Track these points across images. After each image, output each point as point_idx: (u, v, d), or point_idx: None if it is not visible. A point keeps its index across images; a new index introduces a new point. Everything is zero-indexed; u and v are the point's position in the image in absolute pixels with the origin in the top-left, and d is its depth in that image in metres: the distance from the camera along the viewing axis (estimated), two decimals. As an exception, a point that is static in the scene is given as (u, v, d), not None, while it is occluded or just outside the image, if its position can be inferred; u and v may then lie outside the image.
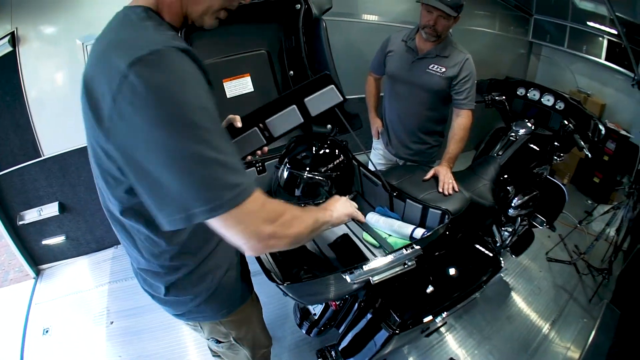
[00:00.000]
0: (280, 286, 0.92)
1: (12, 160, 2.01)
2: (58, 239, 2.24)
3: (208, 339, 1.07)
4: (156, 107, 0.52)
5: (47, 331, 1.94)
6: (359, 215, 1.02)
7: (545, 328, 1.96)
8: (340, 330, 1.41)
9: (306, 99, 0.98)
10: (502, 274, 2.14)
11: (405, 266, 0.98)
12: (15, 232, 2.16)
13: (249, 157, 0.98)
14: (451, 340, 1.86)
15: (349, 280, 0.92)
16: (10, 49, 1.82)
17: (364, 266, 0.94)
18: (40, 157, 2.02)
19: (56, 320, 1.99)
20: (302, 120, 0.98)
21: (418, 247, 1.00)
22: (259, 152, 1.00)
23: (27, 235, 2.19)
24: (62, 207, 2.16)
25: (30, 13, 1.81)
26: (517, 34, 3.38)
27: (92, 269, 2.28)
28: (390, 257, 0.97)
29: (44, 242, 2.22)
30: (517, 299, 2.12)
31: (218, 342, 1.07)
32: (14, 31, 1.80)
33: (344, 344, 1.37)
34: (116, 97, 0.53)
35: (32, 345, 1.86)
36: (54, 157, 2.04)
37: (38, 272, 2.29)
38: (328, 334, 1.50)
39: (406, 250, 0.99)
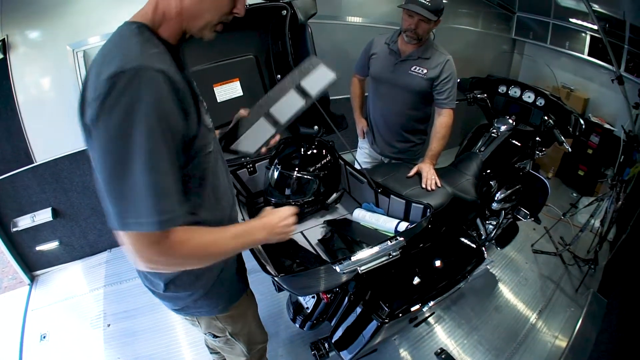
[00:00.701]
0: (275, 278, 0.96)
1: (4, 168, 2.01)
2: (52, 245, 2.25)
3: (205, 334, 1.12)
4: (117, 123, 0.57)
5: (44, 337, 1.94)
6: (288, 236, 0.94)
7: (533, 318, 2.02)
8: (333, 323, 1.45)
9: (302, 82, 1.01)
10: (488, 266, 2.21)
11: (390, 256, 1.03)
12: (9, 239, 2.16)
13: (264, 150, 1.00)
14: (440, 332, 1.91)
15: (338, 270, 0.97)
16: (1, 56, 1.83)
17: (352, 257, 0.99)
18: (33, 163, 2.03)
19: (53, 325, 2.00)
20: (304, 102, 1.00)
21: (401, 238, 1.05)
22: (272, 141, 1.01)
23: (21, 242, 2.19)
24: (55, 213, 2.17)
25: (21, 20, 1.82)
26: (500, 32, 3.44)
27: (86, 273, 2.30)
28: (376, 249, 1.02)
29: (38, 248, 2.23)
30: (504, 290, 2.18)
31: (215, 336, 1.12)
32: (4, 38, 1.82)
33: (336, 336, 1.42)
34: (94, 105, 0.58)
35: (30, 352, 1.87)
36: (46, 164, 2.06)
37: (33, 279, 2.29)
38: (321, 327, 1.54)
39: (390, 242, 1.04)
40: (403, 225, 1.23)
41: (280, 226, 0.86)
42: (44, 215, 2.14)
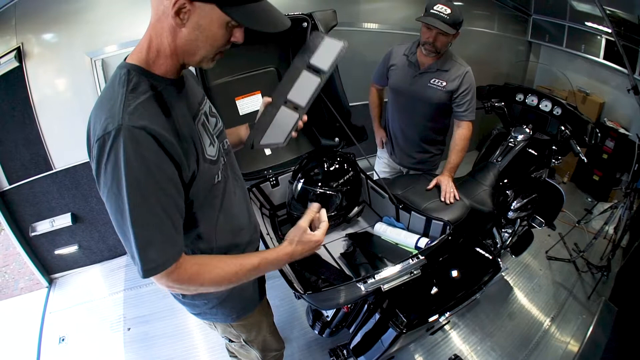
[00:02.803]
0: (303, 295, 0.98)
1: (23, 174, 2.05)
2: (71, 249, 2.29)
3: (222, 337, 1.19)
4: (106, 182, 0.63)
5: (63, 339, 1.98)
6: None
7: (545, 324, 2.04)
8: (351, 330, 1.48)
9: (311, 60, 0.99)
10: (503, 273, 2.22)
11: (412, 274, 1.05)
12: (27, 243, 2.20)
13: (294, 134, 0.98)
14: (455, 338, 1.94)
15: (362, 289, 0.98)
16: (17, 64, 1.84)
17: (375, 275, 1.01)
18: (52, 170, 2.07)
19: (72, 328, 2.04)
20: (319, 79, 0.99)
21: (422, 257, 1.06)
22: (300, 124, 1.01)
23: (40, 246, 2.23)
24: (74, 218, 2.20)
25: (35, 28, 1.83)
26: (515, 34, 3.40)
27: (105, 276, 2.33)
28: (398, 267, 1.04)
29: (57, 251, 2.27)
30: (518, 297, 2.19)
31: (230, 340, 1.19)
32: (19, 46, 1.83)
33: (354, 342, 1.44)
34: (93, 164, 0.65)
35: (49, 354, 1.91)
36: (65, 170, 2.09)
37: (51, 281, 2.33)
38: (338, 334, 1.57)
39: (412, 260, 1.06)
40: (423, 241, 1.24)
41: (306, 252, 0.87)
42: (64, 220, 2.18)
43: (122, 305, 2.14)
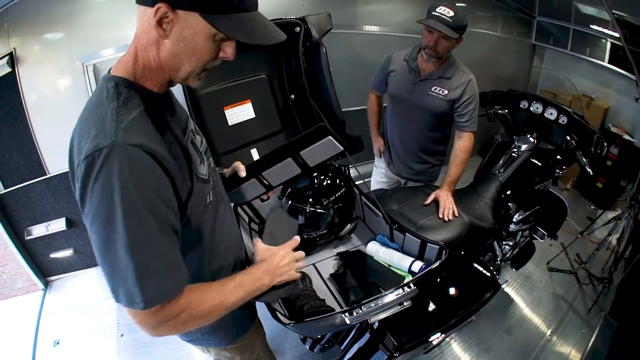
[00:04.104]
0: (287, 326, 0.95)
1: (17, 178, 2.04)
2: (66, 252, 2.28)
3: None
4: (92, 206, 0.57)
5: (57, 343, 1.98)
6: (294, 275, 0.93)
7: (544, 339, 1.99)
8: (342, 348, 1.44)
9: (302, 152, 0.97)
10: (503, 285, 2.17)
11: (402, 306, 1.01)
12: (23, 247, 2.20)
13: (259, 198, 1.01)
14: (451, 354, 1.90)
15: (348, 322, 0.94)
16: (10, 69, 1.82)
17: (362, 307, 0.96)
18: (46, 175, 2.05)
19: (67, 331, 2.04)
20: (300, 171, 0.97)
21: (414, 287, 1.02)
22: (264, 196, 1.01)
23: (35, 249, 2.24)
24: (69, 222, 2.19)
25: (28, 33, 1.80)
26: (520, 37, 3.32)
27: (101, 280, 2.31)
28: (388, 298, 0.99)
29: (52, 255, 2.27)
30: (517, 311, 2.15)
31: None
32: (12, 52, 1.80)
33: (345, 359, 1.41)
34: (78, 185, 0.59)
35: (43, 357, 1.91)
36: (59, 175, 2.07)
37: (47, 284, 2.34)
38: (330, 349, 1.54)
39: (403, 290, 1.01)
40: (417, 265, 1.18)
41: (280, 266, 0.86)
42: (58, 225, 2.17)
43: (117, 310, 2.12)
